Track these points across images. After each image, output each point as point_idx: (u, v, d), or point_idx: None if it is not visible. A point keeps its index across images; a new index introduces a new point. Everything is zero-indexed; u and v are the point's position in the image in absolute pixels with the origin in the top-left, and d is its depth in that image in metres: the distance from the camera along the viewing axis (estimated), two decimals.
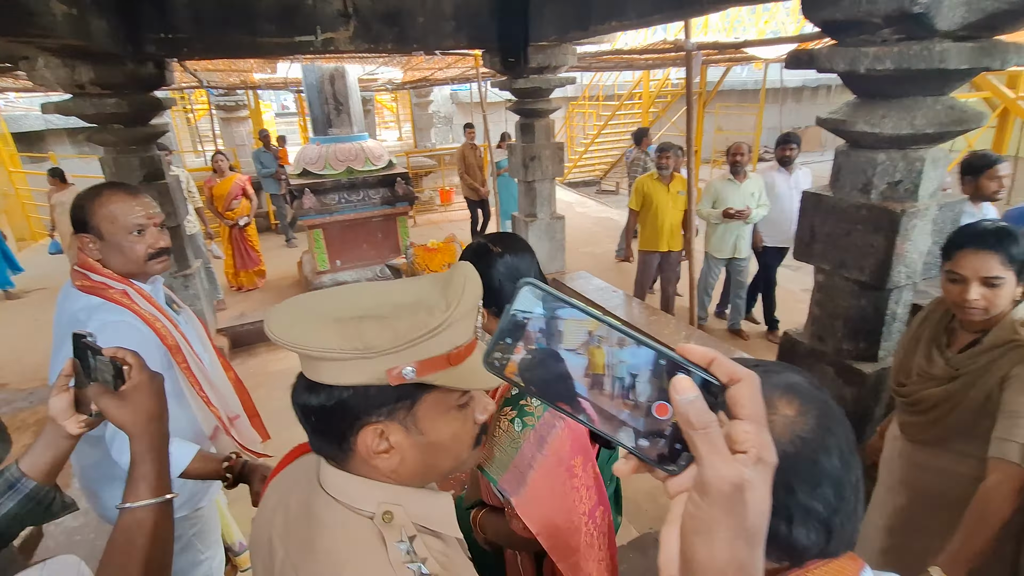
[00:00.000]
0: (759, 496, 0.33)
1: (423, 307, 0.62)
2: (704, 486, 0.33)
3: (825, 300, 2.22)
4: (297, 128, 16.05)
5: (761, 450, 0.34)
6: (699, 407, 0.33)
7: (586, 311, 0.36)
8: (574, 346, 0.36)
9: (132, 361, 0.85)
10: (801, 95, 15.68)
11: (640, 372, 0.35)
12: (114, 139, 3.38)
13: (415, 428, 0.65)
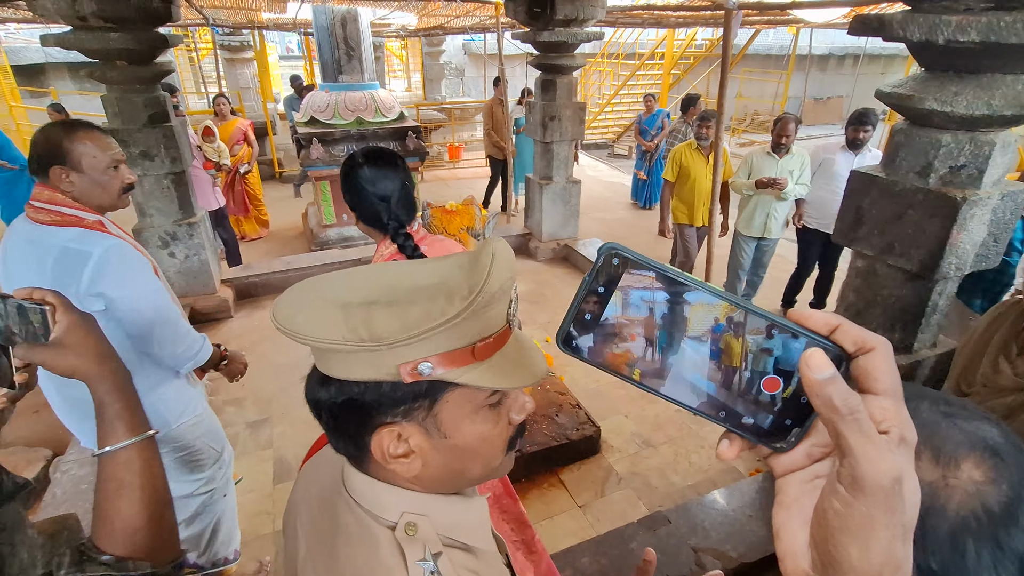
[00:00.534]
0: (913, 485, 0.30)
1: (443, 292, 0.52)
2: (858, 482, 0.28)
3: (863, 286, 2.13)
4: (303, 72, 15.56)
5: (904, 429, 0.30)
6: (841, 388, 0.29)
7: (683, 276, 0.32)
8: (668, 319, 0.33)
9: (54, 300, 0.73)
10: (827, 63, 15.08)
11: (749, 344, 0.32)
12: (118, 77, 3.21)
13: (437, 430, 0.57)
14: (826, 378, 0.29)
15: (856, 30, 1.84)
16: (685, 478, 2.49)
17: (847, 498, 0.29)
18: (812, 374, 0.29)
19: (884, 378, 0.30)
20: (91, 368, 0.73)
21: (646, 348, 0.33)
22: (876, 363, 0.30)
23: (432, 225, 2.41)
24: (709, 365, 0.33)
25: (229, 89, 9.26)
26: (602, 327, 0.34)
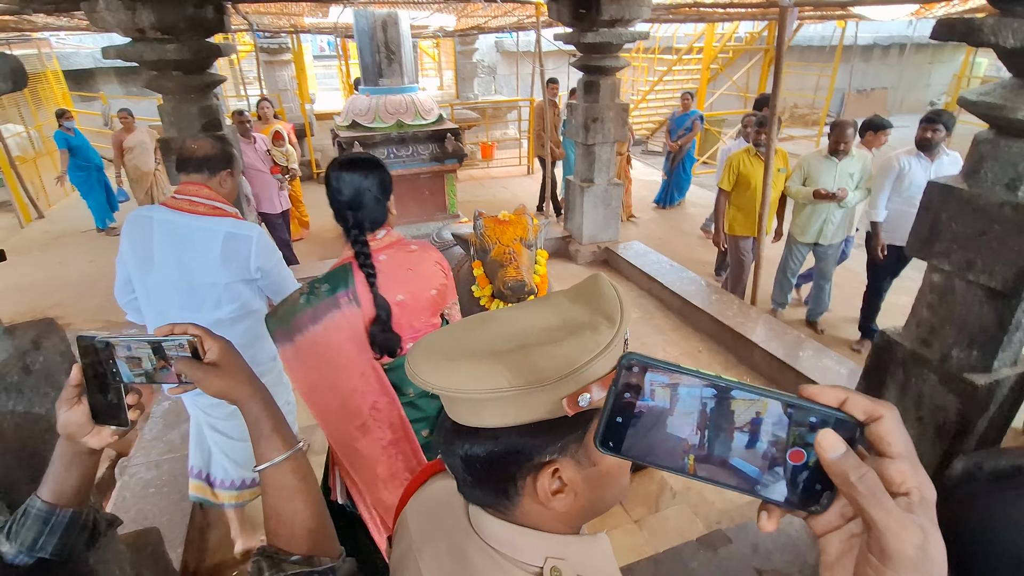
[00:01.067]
0: (937, 544, 0.32)
1: (583, 326, 0.55)
2: (886, 552, 0.32)
3: (938, 303, 2.03)
4: (336, 72, 15.73)
5: (922, 488, 0.33)
6: (854, 464, 0.33)
7: (696, 373, 0.36)
8: (691, 412, 0.36)
9: (198, 331, 0.75)
10: (871, 54, 14.53)
11: (768, 425, 0.35)
12: (173, 86, 3.29)
13: (587, 459, 0.58)
14: (838, 457, 0.33)
15: (941, 35, 1.75)
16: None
17: (879, 566, 0.32)
18: (826, 454, 0.33)
19: (896, 441, 0.33)
20: (244, 389, 0.76)
21: (676, 440, 0.37)
22: (887, 429, 0.33)
23: (485, 235, 2.40)
24: (736, 447, 0.36)
25: (268, 91, 9.44)
26: (634, 428, 0.37)
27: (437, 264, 1.61)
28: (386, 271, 1.46)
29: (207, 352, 0.75)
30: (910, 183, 3.44)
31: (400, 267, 1.50)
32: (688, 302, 3.82)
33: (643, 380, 0.37)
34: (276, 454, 0.75)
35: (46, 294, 4.99)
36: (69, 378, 0.74)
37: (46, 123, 8.33)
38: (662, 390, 0.37)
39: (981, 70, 13.66)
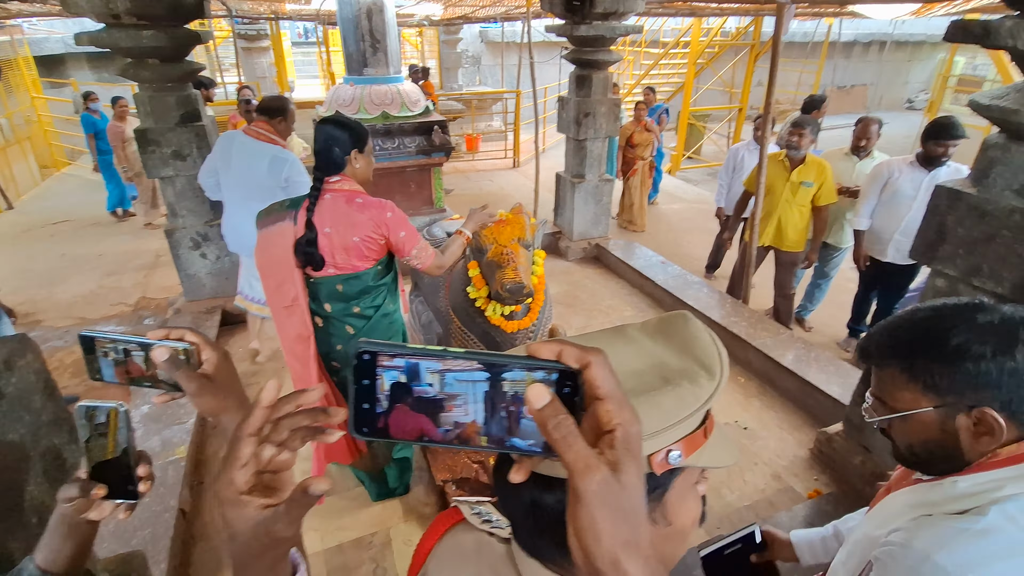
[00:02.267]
0: (632, 474, 0.34)
1: (678, 375, 0.51)
2: (576, 490, 0.34)
3: None
4: (315, 60, 15.35)
5: (626, 425, 0.35)
6: (551, 412, 0.35)
7: (426, 351, 0.37)
8: (434, 386, 0.37)
9: (196, 338, 0.69)
10: (852, 50, 14.72)
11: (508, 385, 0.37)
12: (150, 75, 3.14)
13: (663, 518, 0.54)
14: (541, 407, 0.35)
15: (955, 37, 1.72)
16: (741, 498, 2.41)
17: (573, 502, 0.35)
18: (532, 405, 0.35)
19: (603, 384, 0.35)
20: (233, 414, 0.70)
21: (419, 415, 0.38)
22: (594, 373, 0.35)
23: (481, 235, 2.32)
24: (485, 411, 0.38)
25: (245, 78, 9.17)
26: (381, 410, 0.38)
27: (372, 220, 1.84)
28: (324, 207, 1.82)
29: (204, 362, 0.69)
30: (893, 192, 3.25)
31: (336, 208, 1.82)
32: (680, 300, 3.80)
33: (376, 365, 0.37)
34: None
35: (16, 289, 4.76)
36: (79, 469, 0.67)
37: (16, 111, 7.96)
38: (396, 371, 0.37)
39: (958, 69, 13.92)
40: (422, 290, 3.20)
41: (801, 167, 3.44)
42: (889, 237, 3.32)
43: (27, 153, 7.73)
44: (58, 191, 7.71)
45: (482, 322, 2.46)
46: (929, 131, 3.09)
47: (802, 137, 3.38)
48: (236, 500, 0.43)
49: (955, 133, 3.00)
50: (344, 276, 1.91)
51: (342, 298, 1.96)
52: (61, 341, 4.02)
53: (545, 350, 0.37)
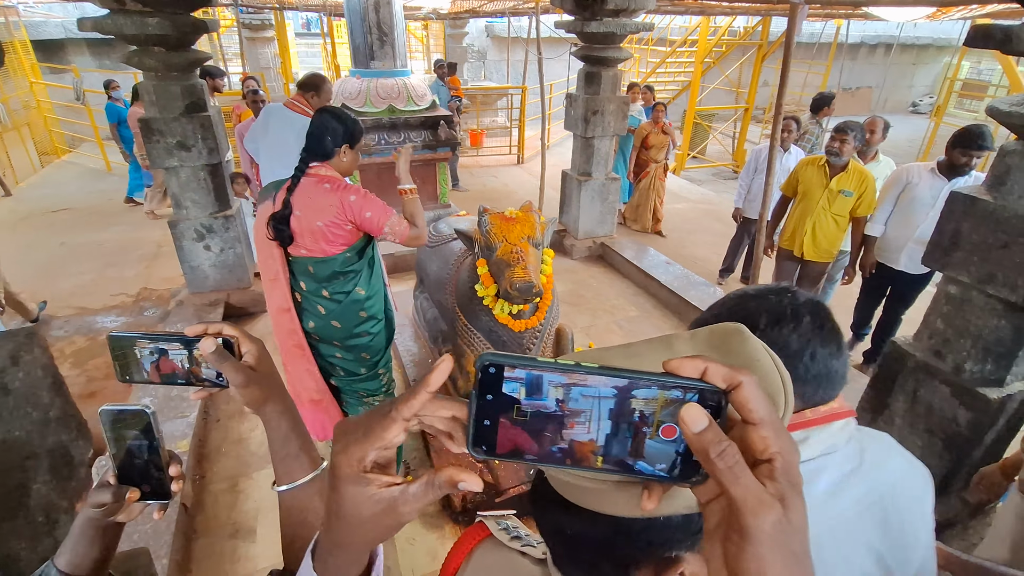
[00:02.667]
0: (799, 512, 0.31)
1: None
2: (744, 529, 0.30)
3: (954, 314, 2.00)
4: (319, 51, 15.25)
5: (785, 453, 0.31)
6: (713, 439, 0.32)
7: (556, 364, 0.34)
8: (560, 401, 0.34)
9: (234, 331, 0.70)
10: (858, 52, 14.65)
11: (640, 404, 0.34)
12: (155, 64, 3.09)
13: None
14: (700, 431, 0.32)
15: (975, 42, 1.69)
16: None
17: (739, 541, 0.31)
18: (687, 430, 0.32)
19: (757, 407, 0.32)
20: (277, 403, 0.71)
21: (549, 435, 0.35)
22: (747, 395, 0.32)
23: (491, 233, 2.30)
24: (608, 430, 0.35)
25: (249, 69, 9.10)
26: (504, 429, 0.35)
27: (335, 206, 1.90)
28: (299, 190, 1.92)
29: (244, 355, 0.69)
30: (911, 199, 3.14)
31: (306, 192, 1.92)
32: (686, 301, 3.78)
33: (502, 380, 0.35)
34: (302, 474, 0.71)
35: (13, 277, 4.73)
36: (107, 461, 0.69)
37: (13, 95, 7.90)
38: (523, 385, 0.35)
39: (963, 73, 13.88)
40: (427, 286, 3.19)
41: (842, 175, 3.25)
42: (902, 245, 3.25)
43: (25, 139, 7.67)
44: (58, 179, 7.65)
45: (488, 320, 2.44)
46: (956, 139, 2.93)
47: (844, 143, 3.15)
48: (360, 477, 0.41)
49: (982, 143, 2.86)
50: (315, 259, 1.98)
51: (313, 279, 2.03)
52: (61, 331, 4.00)
53: (688, 366, 0.34)
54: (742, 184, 4.42)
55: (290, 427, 0.72)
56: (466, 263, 2.71)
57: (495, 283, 2.32)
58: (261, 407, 0.70)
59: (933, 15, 4.29)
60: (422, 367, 3.04)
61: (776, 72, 9.17)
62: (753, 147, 4.56)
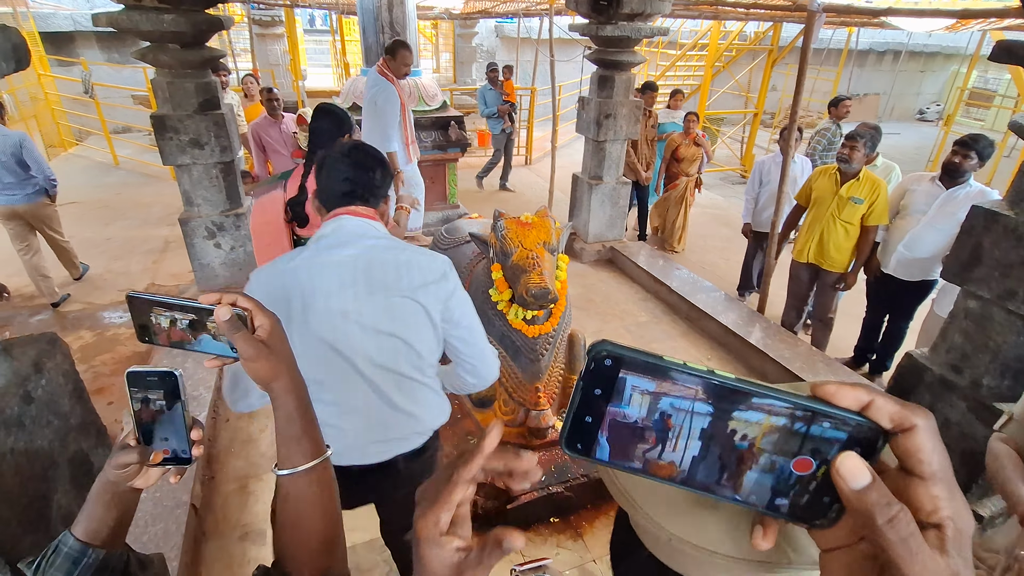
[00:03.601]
0: None
1: None
2: None
3: (974, 330, 1.99)
4: (327, 49, 15.23)
5: (958, 520, 0.27)
6: (881, 501, 0.27)
7: (688, 367, 0.30)
8: (676, 410, 0.30)
9: (248, 303, 0.67)
10: (866, 59, 14.60)
11: (773, 428, 0.30)
12: (169, 60, 3.08)
13: None
14: (862, 489, 0.27)
15: (1000, 57, 1.68)
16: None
17: None
18: (846, 485, 0.28)
19: (931, 459, 0.27)
20: (285, 379, 0.69)
21: (659, 445, 0.31)
22: (920, 443, 0.27)
23: (506, 238, 2.28)
24: (732, 452, 0.31)
25: (259, 66, 9.09)
26: (608, 428, 0.32)
27: None
28: (312, 178, 2.11)
29: (257, 328, 0.67)
30: (905, 205, 3.21)
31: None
32: (696, 307, 3.76)
33: (617, 375, 0.31)
34: (303, 460, 0.69)
35: (19, 270, 4.72)
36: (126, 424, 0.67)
37: (21, 87, 7.90)
38: (644, 387, 0.31)
39: (970, 81, 13.83)
40: None
41: (853, 182, 3.23)
42: (892, 248, 3.30)
43: (33, 132, 7.66)
44: (65, 172, 7.63)
45: (502, 325, 2.42)
46: (954, 143, 3.04)
47: (854, 150, 3.14)
48: (437, 541, 0.41)
49: (973, 145, 2.92)
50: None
51: None
52: (67, 326, 3.99)
53: (848, 398, 0.29)
54: (748, 198, 4.38)
55: (295, 407, 0.69)
56: (479, 267, 2.69)
57: (510, 288, 2.31)
58: (269, 383, 0.68)
59: (952, 27, 4.27)
60: None
61: (786, 77, 9.19)
62: (757, 160, 4.51)
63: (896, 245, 3.26)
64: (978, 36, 9.05)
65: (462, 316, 1.38)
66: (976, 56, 7.97)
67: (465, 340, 1.40)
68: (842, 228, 3.33)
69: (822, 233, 3.41)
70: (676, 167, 5.27)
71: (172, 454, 0.70)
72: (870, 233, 3.30)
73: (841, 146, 3.23)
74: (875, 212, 3.22)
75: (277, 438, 0.70)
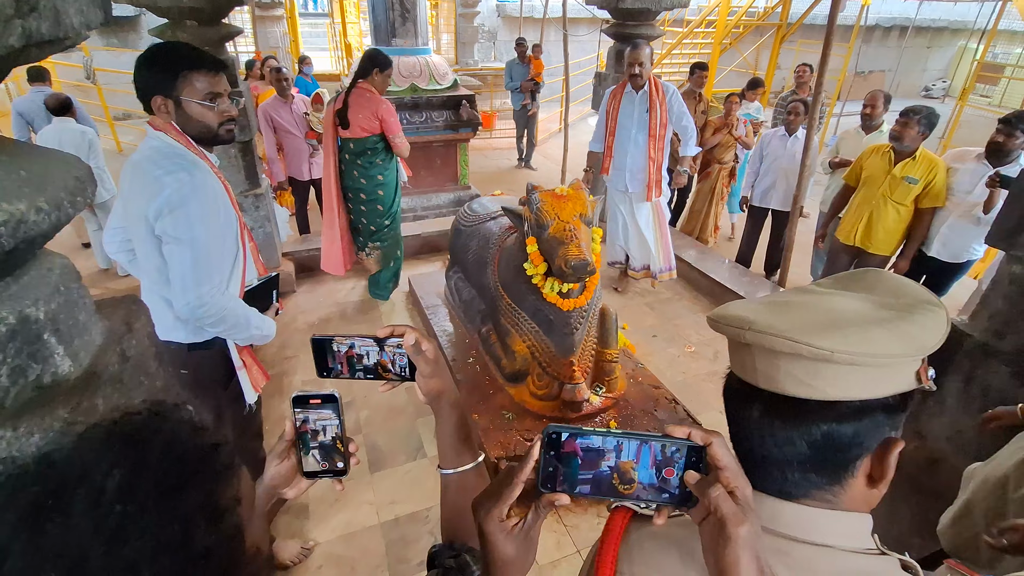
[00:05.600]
0: (757, 527, 0.49)
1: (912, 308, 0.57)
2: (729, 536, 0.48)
3: (1017, 295, 1.98)
4: (324, 31, 14.98)
5: (743, 489, 0.50)
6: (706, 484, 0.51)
7: (596, 432, 0.54)
8: (598, 455, 0.54)
9: (415, 333, 0.78)
10: (872, 35, 14.42)
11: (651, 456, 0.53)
12: (188, 38, 3.02)
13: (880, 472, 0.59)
14: (696, 482, 0.51)
15: None
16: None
17: (724, 545, 0.48)
18: (690, 482, 0.52)
19: (722, 457, 0.50)
20: (452, 394, 0.81)
21: (596, 477, 0.54)
22: (714, 451, 0.51)
23: (542, 211, 2.26)
24: (633, 472, 0.53)
25: (260, 48, 8.96)
26: (564, 474, 0.54)
27: (372, 108, 3.21)
28: (352, 95, 3.20)
29: (424, 351, 0.78)
30: (951, 186, 3.08)
31: (356, 96, 3.20)
32: (718, 283, 3.76)
33: (563, 442, 0.54)
34: (469, 460, 0.81)
35: None
36: (284, 432, 0.78)
37: (23, 74, 7.77)
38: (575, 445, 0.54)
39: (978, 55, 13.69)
40: (463, 266, 3.16)
41: (908, 161, 3.06)
42: (936, 230, 3.21)
43: None
44: None
45: (535, 299, 2.41)
46: (1000, 121, 2.92)
47: (905, 127, 2.99)
48: (501, 526, 0.58)
49: (1018, 123, 2.81)
50: (355, 139, 3.25)
51: (352, 153, 3.30)
52: None
53: (679, 432, 0.52)
54: (749, 171, 4.32)
55: (458, 419, 0.81)
56: (508, 242, 2.68)
57: (546, 261, 2.30)
58: (437, 398, 0.80)
59: None
60: (459, 347, 3.02)
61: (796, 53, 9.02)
62: (763, 133, 4.45)
63: (940, 227, 3.14)
64: (988, 9, 8.91)
65: None
66: (994, 30, 7.83)
67: None
68: (893, 209, 3.15)
69: (871, 214, 3.22)
70: (708, 154, 4.82)
71: (328, 467, 0.78)
72: (925, 216, 3.13)
73: (897, 123, 3.07)
74: (931, 193, 3.06)
75: (441, 443, 0.81)
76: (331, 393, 0.75)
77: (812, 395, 0.55)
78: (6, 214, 0.58)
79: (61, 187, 0.67)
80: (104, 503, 0.41)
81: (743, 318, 0.59)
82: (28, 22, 0.53)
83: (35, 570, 0.39)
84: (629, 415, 2.55)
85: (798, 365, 0.55)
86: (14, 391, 0.70)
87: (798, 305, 0.60)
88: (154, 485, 0.44)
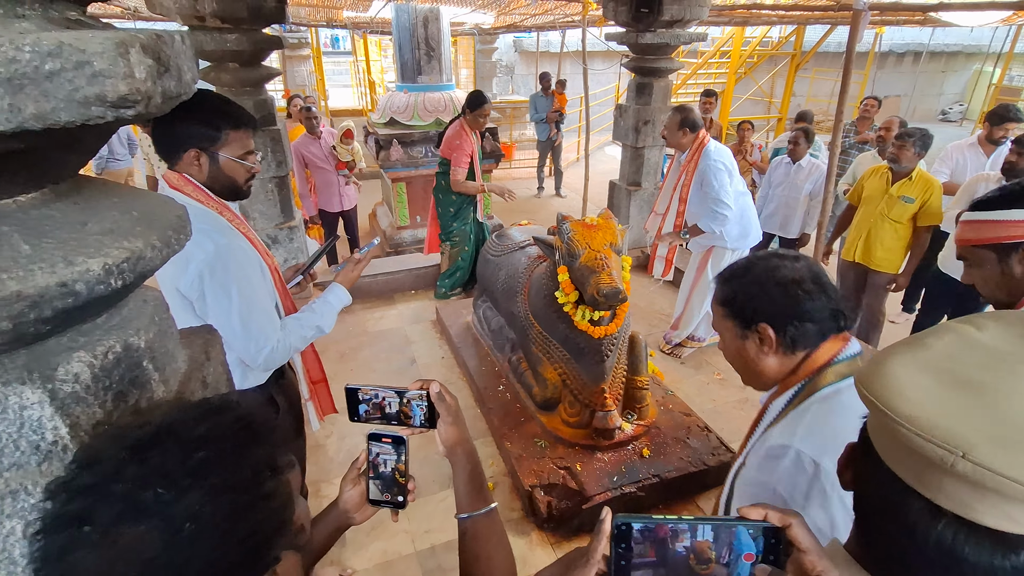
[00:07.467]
0: None
1: None
2: None
3: None
4: (347, 69, 15.54)
5: (827, 572, 0.50)
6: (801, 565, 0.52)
7: (667, 519, 0.55)
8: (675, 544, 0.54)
9: (438, 386, 0.87)
10: (886, 61, 14.51)
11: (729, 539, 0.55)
12: (230, 79, 3.20)
13: None
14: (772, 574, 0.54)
15: None
16: None
17: None
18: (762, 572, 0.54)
19: (805, 540, 0.52)
20: (469, 444, 0.88)
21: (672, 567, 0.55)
22: (795, 532, 0.52)
23: (573, 240, 2.31)
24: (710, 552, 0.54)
25: (289, 87, 9.33)
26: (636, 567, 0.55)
27: (450, 138, 3.80)
28: (452, 124, 3.88)
29: (447, 400, 0.87)
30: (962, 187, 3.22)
31: (453, 126, 3.87)
32: None
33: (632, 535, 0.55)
34: (483, 506, 0.86)
35: None
36: (356, 460, 0.89)
37: None
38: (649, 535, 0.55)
39: (995, 78, 13.68)
40: (492, 296, 3.20)
41: (905, 181, 3.18)
42: (950, 250, 3.20)
43: None
44: None
45: (566, 328, 2.44)
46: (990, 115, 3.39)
47: (902, 149, 3.13)
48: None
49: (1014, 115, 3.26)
50: (441, 158, 3.88)
51: (440, 165, 3.93)
52: None
53: (754, 513, 0.53)
54: (759, 196, 4.37)
55: (473, 467, 0.87)
56: (538, 271, 2.72)
57: (577, 290, 2.33)
58: (454, 447, 0.86)
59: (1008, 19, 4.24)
60: (488, 375, 3.05)
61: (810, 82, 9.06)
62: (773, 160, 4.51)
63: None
64: (1003, 33, 8.96)
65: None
66: (1011, 53, 7.86)
67: None
68: (890, 227, 3.25)
69: (869, 232, 3.34)
70: None
71: (390, 499, 0.87)
72: (922, 234, 3.21)
73: (894, 145, 3.20)
74: (927, 212, 3.15)
75: (457, 491, 0.87)
76: (400, 435, 0.85)
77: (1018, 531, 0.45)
78: (127, 251, 0.64)
79: (168, 225, 0.74)
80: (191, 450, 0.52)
81: (955, 434, 0.44)
82: (165, 82, 0.60)
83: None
84: (662, 443, 2.53)
85: (1018, 508, 0.44)
86: (115, 415, 0.75)
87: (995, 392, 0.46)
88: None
